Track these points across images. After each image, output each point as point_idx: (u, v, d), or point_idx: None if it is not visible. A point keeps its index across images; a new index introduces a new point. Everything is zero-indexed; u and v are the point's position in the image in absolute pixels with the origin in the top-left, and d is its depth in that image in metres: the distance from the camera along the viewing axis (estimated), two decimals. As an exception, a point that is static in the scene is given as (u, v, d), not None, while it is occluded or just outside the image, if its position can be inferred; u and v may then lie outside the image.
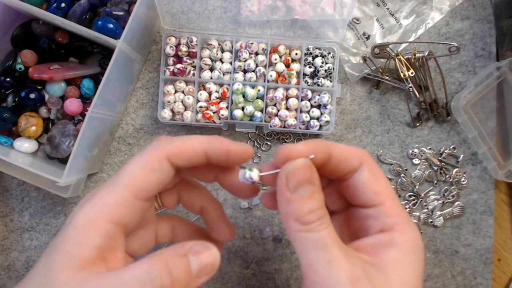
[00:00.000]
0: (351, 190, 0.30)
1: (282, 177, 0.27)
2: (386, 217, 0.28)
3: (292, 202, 0.27)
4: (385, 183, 0.29)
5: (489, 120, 0.56)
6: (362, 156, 0.29)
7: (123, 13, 0.50)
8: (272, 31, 0.57)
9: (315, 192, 0.27)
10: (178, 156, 0.30)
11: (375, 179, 0.29)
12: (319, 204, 0.27)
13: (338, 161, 0.29)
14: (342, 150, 0.29)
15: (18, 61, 0.51)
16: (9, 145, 0.51)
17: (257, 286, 0.55)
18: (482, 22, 0.57)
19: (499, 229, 0.57)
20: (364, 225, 0.30)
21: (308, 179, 0.27)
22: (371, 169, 0.29)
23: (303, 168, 0.27)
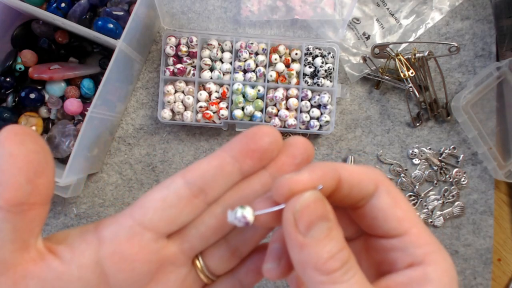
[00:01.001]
0: (368, 219, 0.25)
1: (289, 218, 0.22)
2: (415, 247, 0.24)
3: (306, 247, 0.21)
4: (408, 207, 0.25)
5: (489, 120, 0.56)
6: (377, 178, 0.25)
7: (123, 13, 0.50)
8: (272, 31, 0.57)
9: (332, 229, 0.22)
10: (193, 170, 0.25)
11: (396, 204, 0.24)
12: (340, 244, 0.22)
13: (349, 186, 0.24)
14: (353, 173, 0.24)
15: (18, 61, 0.51)
16: (9, 145, 0.51)
17: (257, 286, 0.55)
18: (482, 22, 0.57)
19: (499, 229, 0.57)
20: (388, 258, 0.25)
21: (321, 216, 0.22)
22: (390, 192, 0.24)
23: (313, 204, 0.22)
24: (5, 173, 0.21)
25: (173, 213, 0.24)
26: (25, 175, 0.21)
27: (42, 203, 0.22)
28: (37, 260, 0.22)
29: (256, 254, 0.28)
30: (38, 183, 0.21)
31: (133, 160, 0.56)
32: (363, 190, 0.24)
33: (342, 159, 0.56)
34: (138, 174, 0.56)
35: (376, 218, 0.24)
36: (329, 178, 0.23)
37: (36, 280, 0.22)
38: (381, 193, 0.24)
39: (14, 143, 0.21)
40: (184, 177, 0.24)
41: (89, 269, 0.23)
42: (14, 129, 0.21)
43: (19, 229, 0.21)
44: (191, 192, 0.24)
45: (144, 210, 0.24)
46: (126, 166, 0.56)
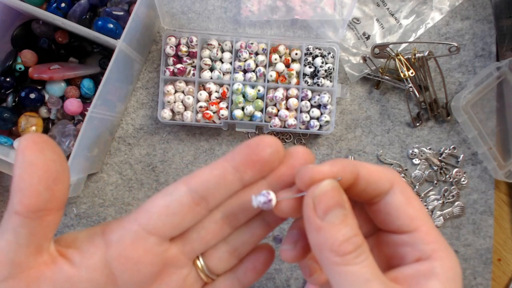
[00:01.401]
0: (381, 214, 0.27)
1: (309, 203, 0.24)
2: (423, 244, 0.26)
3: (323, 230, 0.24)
4: (420, 207, 0.26)
5: (489, 120, 0.56)
6: (393, 177, 0.26)
7: (123, 13, 0.50)
8: (272, 31, 0.57)
9: (347, 216, 0.24)
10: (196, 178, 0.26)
11: (409, 203, 0.26)
12: (355, 230, 0.24)
13: (366, 182, 0.26)
14: (371, 171, 0.26)
15: (18, 61, 0.51)
16: (9, 145, 0.51)
17: (257, 286, 0.55)
18: (482, 22, 0.57)
19: (499, 229, 0.57)
20: (398, 252, 0.27)
21: (338, 203, 0.24)
22: (404, 191, 0.26)
23: (331, 191, 0.24)
24: (25, 181, 0.22)
25: (176, 219, 0.25)
26: (44, 183, 0.22)
27: (57, 208, 0.23)
28: (49, 263, 0.23)
29: (254, 255, 0.30)
30: (56, 190, 0.23)
31: (133, 160, 0.56)
32: (379, 187, 0.26)
33: (342, 159, 0.56)
34: (138, 174, 0.56)
35: (389, 214, 0.26)
36: (348, 172, 0.25)
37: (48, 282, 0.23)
38: (395, 191, 0.26)
39: (34, 152, 0.22)
40: (187, 184, 0.25)
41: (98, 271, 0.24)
42: (33, 137, 0.22)
43: (35, 233, 0.23)
44: (193, 199, 0.25)
45: (149, 215, 0.25)
46: (126, 166, 0.56)
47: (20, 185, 0.22)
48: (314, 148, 0.57)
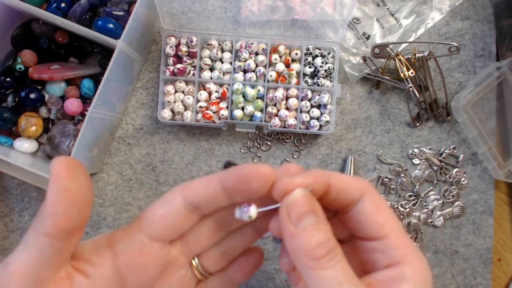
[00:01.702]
0: (354, 222, 0.29)
1: (283, 212, 0.26)
2: (393, 249, 0.27)
3: (297, 236, 0.25)
4: (389, 214, 0.28)
5: (489, 120, 0.56)
6: (363, 187, 0.28)
7: (123, 13, 0.50)
8: (272, 31, 0.57)
9: (320, 222, 0.26)
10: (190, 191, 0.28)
11: (378, 210, 0.28)
12: (327, 235, 0.25)
13: (337, 192, 0.28)
14: (341, 181, 0.28)
15: (18, 61, 0.51)
16: (9, 145, 0.51)
17: (257, 286, 0.55)
18: (482, 22, 0.57)
19: (499, 229, 0.57)
20: (370, 258, 0.29)
21: (310, 210, 0.26)
22: (373, 200, 0.28)
23: (302, 199, 0.26)
24: (61, 206, 0.24)
25: (175, 225, 0.29)
26: (77, 207, 0.25)
27: (82, 228, 0.26)
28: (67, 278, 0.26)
29: (245, 257, 0.33)
30: (85, 212, 0.25)
31: (133, 160, 0.56)
32: (349, 196, 0.28)
33: (342, 159, 0.56)
34: (138, 174, 0.56)
35: (360, 222, 0.28)
36: (320, 182, 0.27)
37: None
38: (365, 200, 0.28)
39: (68, 178, 0.24)
40: (183, 194, 0.28)
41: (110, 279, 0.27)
42: (65, 162, 0.24)
43: (60, 252, 0.25)
44: (188, 209, 0.28)
45: (151, 225, 0.28)
46: (126, 166, 0.56)
47: (55, 209, 0.24)
48: (314, 148, 0.57)
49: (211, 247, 0.32)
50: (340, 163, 0.57)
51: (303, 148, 0.56)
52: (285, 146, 0.57)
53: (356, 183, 0.28)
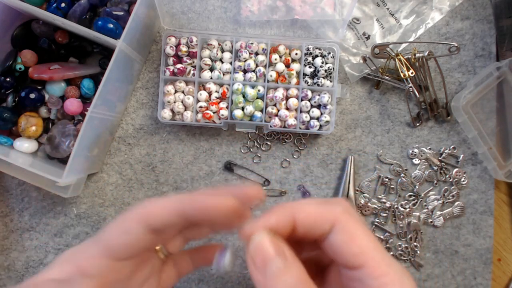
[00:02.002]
0: (330, 252, 0.28)
1: (248, 261, 0.25)
2: (372, 279, 0.26)
3: (267, 285, 0.24)
4: (365, 242, 0.26)
5: (489, 120, 0.56)
6: (333, 217, 0.27)
7: (123, 13, 0.50)
8: (272, 31, 0.57)
9: (287, 265, 0.24)
10: (152, 218, 0.29)
11: (351, 240, 0.26)
12: (298, 277, 0.24)
13: (304, 228, 0.27)
14: (308, 215, 0.27)
15: (18, 61, 0.51)
16: (9, 145, 0.51)
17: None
18: (482, 22, 0.57)
19: (499, 229, 0.57)
20: (352, 286, 0.27)
21: (274, 253, 0.24)
22: (345, 230, 0.26)
23: (262, 243, 0.25)
24: None
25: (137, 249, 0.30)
26: None
27: None
28: None
29: (209, 248, 0.38)
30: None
31: (133, 160, 0.56)
32: (318, 230, 0.27)
33: (342, 159, 0.56)
34: (138, 174, 0.56)
35: (335, 252, 0.27)
36: (283, 221, 0.26)
37: None
38: (336, 231, 0.26)
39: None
40: (142, 223, 0.29)
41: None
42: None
43: None
44: (149, 232, 0.29)
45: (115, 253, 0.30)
46: (126, 166, 0.56)
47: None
48: (314, 148, 0.57)
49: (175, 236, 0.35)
50: (340, 163, 0.57)
51: (303, 148, 0.56)
52: (285, 146, 0.57)
53: (324, 214, 0.27)
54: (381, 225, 0.56)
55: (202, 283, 0.55)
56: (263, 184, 0.56)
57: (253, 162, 0.56)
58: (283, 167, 0.57)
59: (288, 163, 0.56)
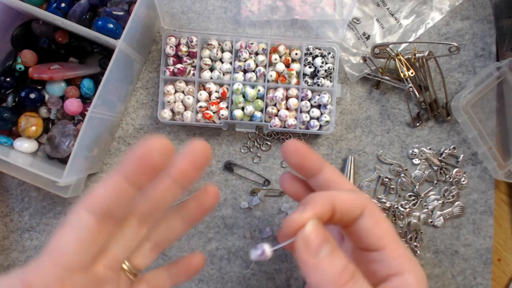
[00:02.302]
0: (354, 236, 0.31)
1: (300, 247, 0.27)
2: (391, 259, 0.29)
3: (320, 266, 0.27)
4: (387, 227, 0.30)
5: (489, 120, 0.56)
6: (363, 203, 0.30)
7: (123, 13, 0.50)
8: (272, 31, 0.57)
9: (335, 249, 0.27)
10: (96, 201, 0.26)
11: (376, 225, 0.30)
12: (346, 259, 0.27)
13: (341, 213, 0.30)
14: (344, 201, 0.30)
15: (18, 61, 0.51)
16: (9, 145, 0.51)
17: (257, 286, 0.55)
18: (482, 22, 0.57)
19: (499, 229, 0.57)
20: (371, 268, 0.30)
21: (325, 239, 0.27)
22: (372, 215, 0.30)
23: (316, 230, 0.27)
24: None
25: (90, 247, 0.26)
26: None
27: None
28: None
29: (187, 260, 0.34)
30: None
31: (133, 160, 0.56)
32: (352, 215, 0.30)
33: (342, 159, 0.56)
34: (138, 174, 0.56)
35: (361, 235, 0.30)
36: (327, 211, 0.29)
37: None
38: (365, 216, 0.30)
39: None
40: (89, 209, 0.25)
41: None
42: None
43: None
44: (99, 222, 0.26)
45: (65, 256, 0.25)
46: (126, 166, 0.56)
47: None
48: (314, 148, 0.57)
49: (139, 244, 0.31)
50: (340, 163, 0.57)
51: (303, 148, 0.56)
52: (285, 146, 0.57)
53: (357, 200, 0.30)
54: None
55: (202, 283, 0.55)
56: (263, 184, 0.56)
57: (253, 162, 0.56)
58: (283, 167, 0.57)
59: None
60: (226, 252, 0.55)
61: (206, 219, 0.56)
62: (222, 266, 0.55)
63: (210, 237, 0.56)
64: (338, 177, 0.33)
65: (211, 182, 0.56)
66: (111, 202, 0.26)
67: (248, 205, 0.55)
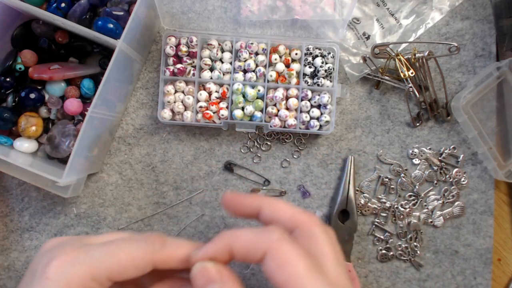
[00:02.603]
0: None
1: (192, 282, 0.29)
2: None
3: None
4: (293, 270, 0.27)
5: (489, 120, 0.56)
6: (266, 245, 0.28)
7: (123, 13, 0.50)
8: (272, 31, 0.57)
9: (225, 285, 0.28)
10: (162, 265, 0.30)
11: (279, 269, 0.28)
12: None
13: (240, 255, 0.29)
14: (241, 244, 0.29)
15: (18, 61, 0.51)
16: (9, 145, 0.51)
17: (257, 286, 0.55)
18: (482, 22, 0.57)
19: (499, 229, 0.57)
20: None
21: (209, 280, 0.28)
22: (275, 258, 0.28)
23: (201, 272, 0.29)
24: None
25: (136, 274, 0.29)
26: None
27: None
28: None
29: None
30: None
31: (133, 160, 0.56)
32: (252, 258, 0.29)
33: (342, 159, 0.56)
34: (138, 174, 0.56)
35: (269, 279, 0.29)
36: (221, 253, 0.29)
37: None
38: (267, 259, 0.28)
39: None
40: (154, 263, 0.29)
41: None
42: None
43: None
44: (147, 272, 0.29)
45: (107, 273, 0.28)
46: (126, 166, 0.56)
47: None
48: (314, 148, 0.57)
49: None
50: (340, 163, 0.57)
51: (303, 148, 0.56)
52: (285, 146, 0.57)
53: (258, 243, 0.29)
54: (381, 225, 0.56)
55: (202, 283, 0.55)
56: (263, 184, 0.56)
57: (253, 162, 0.56)
58: (283, 167, 0.57)
59: (288, 163, 0.56)
60: (226, 252, 0.55)
61: (206, 219, 0.56)
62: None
63: (210, 237, 0.56)
64: (275, 214, 0.32)
65: (211, 182, 0.56)
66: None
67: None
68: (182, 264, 0.31)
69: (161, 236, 0.31)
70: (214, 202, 0.56)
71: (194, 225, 0.56)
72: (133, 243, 0.30)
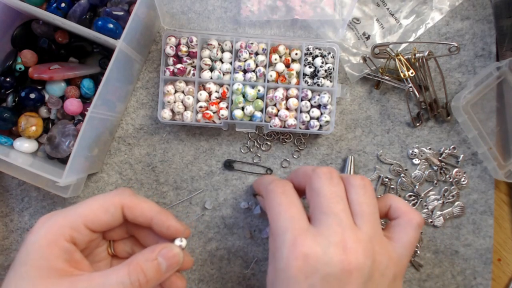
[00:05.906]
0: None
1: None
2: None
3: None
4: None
5: (489, 120, 0.56)
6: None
7: (123, 13, 0.50)
8: (272, 31, 0.57)
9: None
10: (130, 211, 0.37)
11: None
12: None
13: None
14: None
15: (18, 61, 0.51)
16: (9, 145, 0.51)
17: (257, 286, 0.55)
18: (482, 22, 0.57)
19: (499, 229, 0.57)
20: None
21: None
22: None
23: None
24: None
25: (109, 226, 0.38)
26: None
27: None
28: None
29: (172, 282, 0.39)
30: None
31: (133, 160, 0.56)
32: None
33: (342, 159, 0.56)
34: (138, 174, 0.56)
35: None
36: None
37: None
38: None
39: None
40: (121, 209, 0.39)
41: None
42: None
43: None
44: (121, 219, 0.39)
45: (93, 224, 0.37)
46: (126, 166, 0.56)
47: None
48: (314, 148, 0.57)
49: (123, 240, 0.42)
50: (340, 163, 0.57)
51: (303, 148, 0.56)
52: (285, 146, 0.57)
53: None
54: (381, 225, 0.56)
55: (202, 283, 0.55)
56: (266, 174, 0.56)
57: (253, 162, 0.56)
58: (283, 167, 0.57)
59: (288, 163, 0.56)
60: (226, 252, 0.55)
61: (206, 219, 0.56)
62: (222, 266, 0.55)
63: (210, 237, 0.56)
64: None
65: (211, 182, 0.56)
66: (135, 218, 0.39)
67: (248, 205, 0.55)
68: (147, 219, 0.38)
69: (131, 190, 0.40)
70: (214, 202, 0.56)
71: (194, 225, 0.56)
72: (105, 194, 0.38)
